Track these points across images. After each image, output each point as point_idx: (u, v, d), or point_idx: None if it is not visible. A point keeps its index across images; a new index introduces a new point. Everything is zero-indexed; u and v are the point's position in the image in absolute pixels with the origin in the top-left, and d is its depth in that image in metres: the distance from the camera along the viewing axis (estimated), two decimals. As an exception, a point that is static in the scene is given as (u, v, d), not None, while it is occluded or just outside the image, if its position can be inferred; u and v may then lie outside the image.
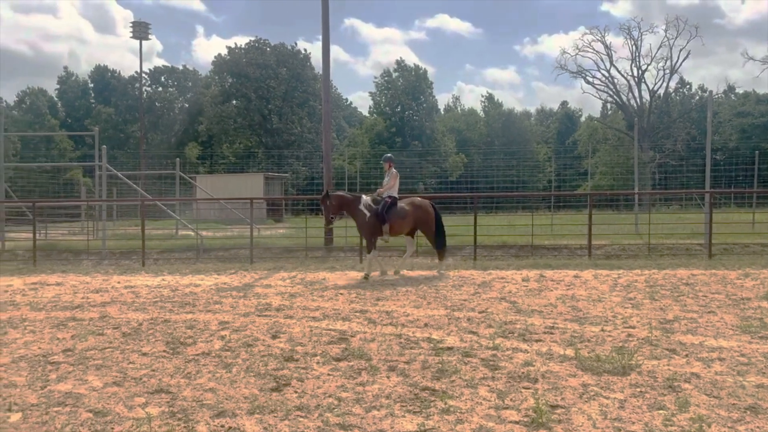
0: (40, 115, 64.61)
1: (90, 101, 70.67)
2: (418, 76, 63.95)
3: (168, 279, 11.44)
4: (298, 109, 60.33)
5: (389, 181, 11.71)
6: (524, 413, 4.16)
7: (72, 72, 73.73)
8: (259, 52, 60.15)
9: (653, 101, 55.19)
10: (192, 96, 69.16)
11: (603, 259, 13.89)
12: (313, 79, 61.14)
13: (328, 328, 6.90)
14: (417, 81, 63.30)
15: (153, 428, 3.95)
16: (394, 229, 11.39)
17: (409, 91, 62.66)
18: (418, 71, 64.31)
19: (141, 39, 48.15)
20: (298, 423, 4.04)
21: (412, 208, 11.60)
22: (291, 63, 60.67)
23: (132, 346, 6.18)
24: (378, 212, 11.29)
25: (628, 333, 6.51)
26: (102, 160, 17.29)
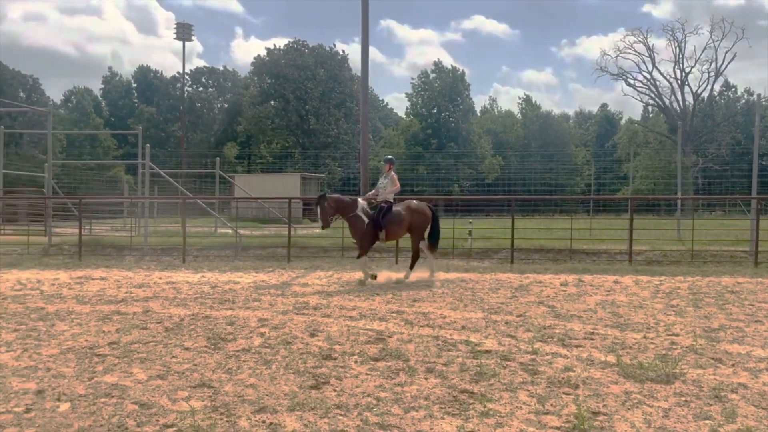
0: (86, 114, 66.47)
1: (133, 101, 72.46)
2: (455, 77, 63.74)
3: (208, 276, 11.65)
4: (334, 110, 60.76)
5: (388, 185, 11.23)
6: (565, 419, 4.11)
7: (116, 72, 75.79)
8: (297, 53, 60.82)
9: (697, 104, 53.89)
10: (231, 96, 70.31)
11: (644, 265, 13.62)
12: (350, 80, 61.52)
13: (365, 328, 6.93)
14: (454, 82, 63.09)
15: (196, 421, 4.03)
16: (390, 234, 11.11)
17: (446, 92, 62.50)
18: (455, 73, 64.10)
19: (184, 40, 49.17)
20: (337, 421, 4.07)
21: (408, 212, 11.18)
22: (329, 64, 61.17)
23: (174, 340, 6.32)
24: (374, 218, 10.88)
25: (671, 341, 6.37)
26: (146, 159, 17.70)
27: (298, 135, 60.75)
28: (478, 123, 67.76)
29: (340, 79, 61.83)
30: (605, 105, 79.63)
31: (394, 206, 11.18)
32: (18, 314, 7.73)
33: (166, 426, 3.99)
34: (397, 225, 11.05)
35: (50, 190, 19.47)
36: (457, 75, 64.13)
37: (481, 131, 65.59)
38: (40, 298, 9.00)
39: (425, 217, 11.31)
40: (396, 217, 11.03)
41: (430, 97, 63.23)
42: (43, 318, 7.50)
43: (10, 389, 4.72)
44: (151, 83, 71.02)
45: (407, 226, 11.19)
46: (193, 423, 4.00)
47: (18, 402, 4.44)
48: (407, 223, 11.15)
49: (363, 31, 17.65)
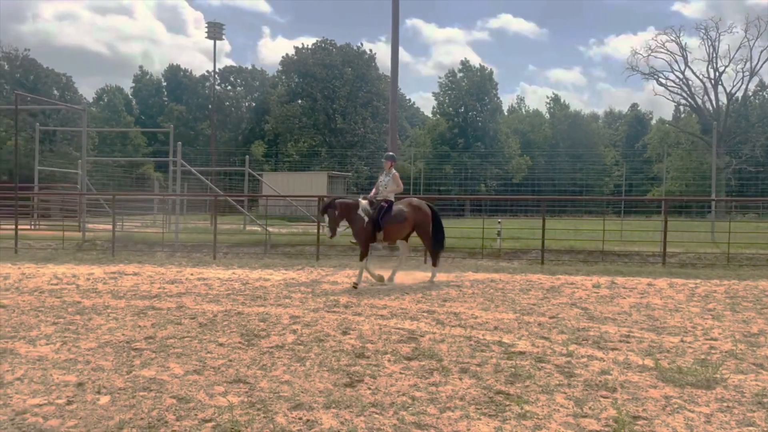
0: (117, 112, 67.65)
1: (163, 99, 73.55)
2: (483, 76, 63.33)
3: (238, 272, 11.76)
4: (361, 109, 60.88)
5: (390, 183, 10.62)
6: (604, 422, 4.05)
7: (146, 71, 76.96)
8: (325, 52, 61.07)
9: (730, 104, 52.68)
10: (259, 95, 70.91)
11: (678, 268, 13.37)
12: (378, 80, 61.57)
13: (397, 327, 6.92)
14: (482, 81, 62.70)
15: (234, 416, 4.06)
16: (391, 234, 10.49)
17: (474, 91, 62.14)
18: (483, 71, 63.70)
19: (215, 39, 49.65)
20: (373, 420, 4.07)
21: (410, 209, 10.63)
22: (356, 63, 61.31)
23: (209, 336, 6.38)
24: (374, 218, 10.26)
25: (710, 345, 6.24)
26: (177, 156, 17.93)
27: (325, 134, 61.01)
28: (505, 122, 67.23)
29: (368, 78, 61.91)
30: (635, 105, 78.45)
31: (395, 205, 10.60)
32: (56, 308, 7.90)
33: (204, 420, 4.03)
34: (399, 224, 10.46)
35: (84, 186, 19.85)
36: (484, 74, 63.71)
37: (509, 131, 65.07)
38: (77, 293, 9.18)
39: (427, 216, 10.79)
40: (398, 216, 10.44)
41: (458, 96, 62.91)
42: (80, 312, 7.65)
43: (51, 381, 4.82)
44: (181, 82, 72.01)
45: (411, 225, 10.65)
46: (231, 418, 4.04)
47: (59, 394, 4.53)
48: (411, 223, 10.61)
49: (393, 30, 17.64)
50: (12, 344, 5.98)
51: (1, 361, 5.38)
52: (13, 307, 7.95)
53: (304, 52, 62.36)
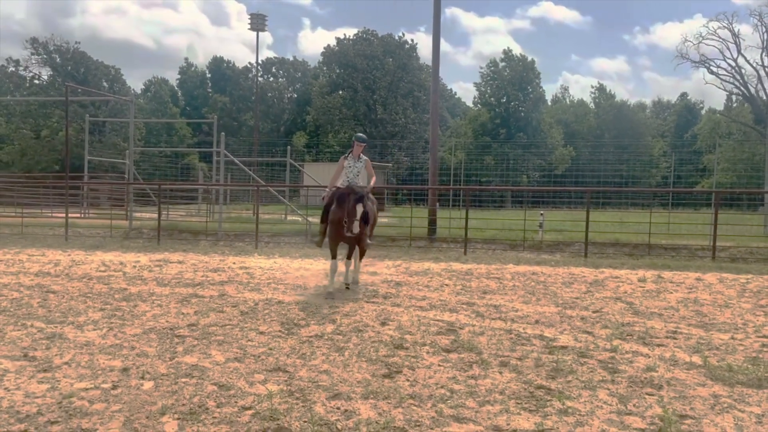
0: (163, 103, 69.09)
1: (207, 90, 74.78)
2: (525, 66, 62.28)
3: (279, 262, 11.88)
4: (402, 99, 60.70)
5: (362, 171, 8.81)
6: (649, 420, 3.93)
7: (191, 63, 78.35)
8: (366, 42, 61.03)
9: (787, 93, 50.45)
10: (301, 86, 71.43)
11: (728, 262, 12.92)
12: (419, 70, 61.26)
13: (436, 319, 6.87)
14: (524, 71, 61.67)
15: (273, 405, 4.10)
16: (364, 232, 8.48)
17: (516, 81, 61.19)
18: (525, 61, 62.63)
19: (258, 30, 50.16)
20: (411, 411, 4.04)
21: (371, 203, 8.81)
22: (397, 53, 61.11)
23: (250, 324, 6.46)
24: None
25: (762, 343, 6.00)
26: (221, 147, 18.20)
27: (365, 124, 61.06)
28: (548, 112, 66.05)
29: (409, 69, 61.64)
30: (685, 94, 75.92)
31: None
32: (103, 294, 8.12)
33: (244, 408, 4.07)
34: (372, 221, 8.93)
35: (131, 176, 20.35)
36: (527, 63, 62.62)
37: (552, 121, 63.91)
38: (123, 280, 9.42)
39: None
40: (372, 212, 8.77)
41: (499, 86, 62.06)
42: (126, 298, 7.84)
43: (97, 366, 4.95)
44: (224, 73, 73.04)
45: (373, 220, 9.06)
46: (270, 406, 4.07)
47: (105, 379, 4.64)
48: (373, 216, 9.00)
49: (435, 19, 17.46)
50: (61, 329, 6.17)
51: (50, 346, 5.56)
52: (62, 293, 8.21)
53: (346, 43, 62.46)
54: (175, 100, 73.45)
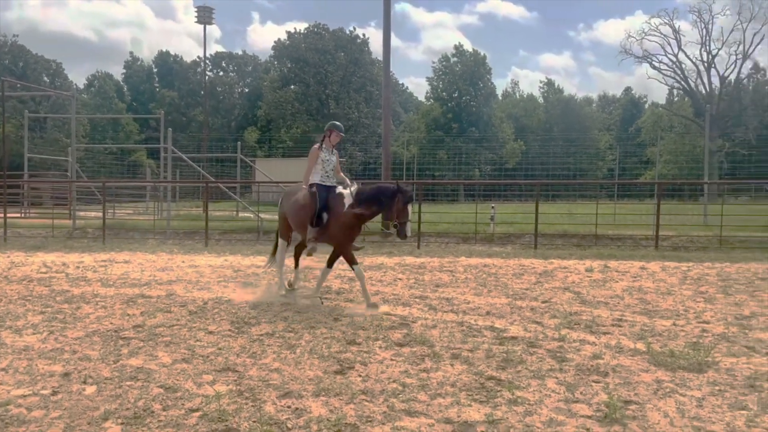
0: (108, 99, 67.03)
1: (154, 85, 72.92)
2: (477, 61, 62.95)
3: (230, 259, 11.68)
4: (355, 94, 60.53)
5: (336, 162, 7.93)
6: (596, 407, 4.02)
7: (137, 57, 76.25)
8: (317, 37, 60.57)
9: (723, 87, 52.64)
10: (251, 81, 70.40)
11: (670, 251, 13.38)
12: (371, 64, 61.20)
13: (389, 313, 6.87)
14: (475, 66, 62.33)
15: (222, 405, 4.01)
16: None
17: (467, 76, 61.80)
18: (476, 56, 63.30)
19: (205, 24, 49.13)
20: (363, 407, 4.02)
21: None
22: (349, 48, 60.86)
23: (198, 324, 6.32)
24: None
25: (702, 328, 6.22)
26: (167, 143, 17.76)
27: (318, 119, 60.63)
28: (499, 107, 67.01)
29: (361, 63, 61.48)
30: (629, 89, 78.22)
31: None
32: (44, 297, 7.81)
33: (191, 410, 3.97)
34: None
35: (74, 173, 19.66)
36: (478, 59, 63.29)
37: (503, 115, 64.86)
38: (66, 281, 9.08)
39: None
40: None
41: (451, 81, 62.57)
42: (68, 301, 7.56)
43: (36, 371, 4.75)
44: (172, 68, 71.34)
45: None
46: (218, 407, 3.98)
47: (44, 384, 4.46)
48: None
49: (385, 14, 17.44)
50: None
51: (-14, 352, 5.31)
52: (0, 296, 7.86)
53: (297, 37, 61.85)
54: (120, 95, 71.34)
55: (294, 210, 7.76)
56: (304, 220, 7.52)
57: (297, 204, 7.73)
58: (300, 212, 7.63)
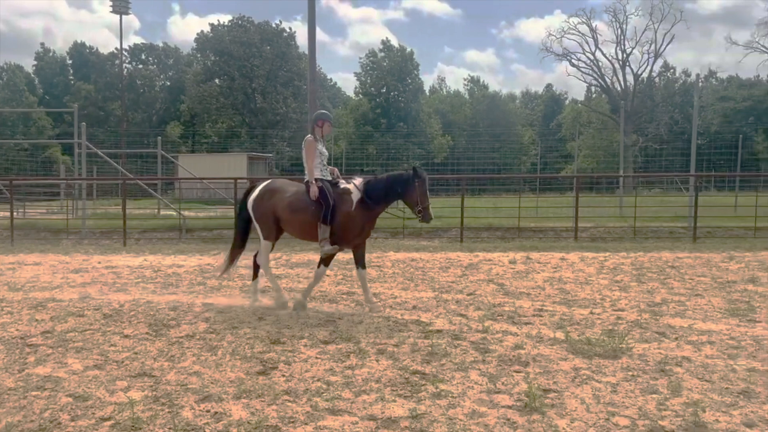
0: (18, 92, 63.07)
1: (68, 78, 69.18)
2: (404, 56, 63.38)
3: (150, 259, 11.23)
4: (282, 88, 59.58)
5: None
6: (516, 397, 4.09)
7: (49, 48, 72.16)
8: (242, 29, 59.18)
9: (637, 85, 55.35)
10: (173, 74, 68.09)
11: (588, 242, 13.92)
12: (298, 59, 60.35)
13: (315, 311, 6.79)
14: (403, 62, 62.74)
15: (136, 413, 3.82)
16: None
17: (395, 71, 62.12)
18: (404, 52, 63.73)
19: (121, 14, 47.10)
20: (286, 407, 3.93)
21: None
22: (275, 42, 59.80)
23: (113, 328, 6.02)
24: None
25: (617, 316, 6.48)
26: (81, 138, 16.90)
27: (244, 114, 59.39)
28: (427, 103, 67.77)
29: (288, 57, 60.54)
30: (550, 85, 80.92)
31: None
32: (-58, 304, 7.24)
33: (102, 419, 3.77)
34: None
35: (-22, 171, 18.39)
36: (405, 54, 63.72)
37: (431, 111, 65.64)
38: (-33, 286, 8.46)
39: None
40: None
41: (379, 76, 62.71)
42: (-31, 307, 7.04)
43: (-70, 385, 4.38)
44: (88, 60, 67.87)
45: None
46: (132, 415, 3.79)
47: (-62, 399, 4.12)
48: None
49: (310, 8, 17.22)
50: None
51: None
52: None
53: (220, 30, 60.20)
54: (32, 88, 67.26)
55: (294, 209, 6.88)
56: (312, 220, 6.76)
57: (300, 202, 6.87)
58: (305, 211, 6.81)
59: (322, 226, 6.71)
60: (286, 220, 6.97)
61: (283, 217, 6.97)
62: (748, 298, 7.35)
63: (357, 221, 6.78)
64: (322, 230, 6.72)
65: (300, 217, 6.86)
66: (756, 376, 4.49)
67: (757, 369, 4.67)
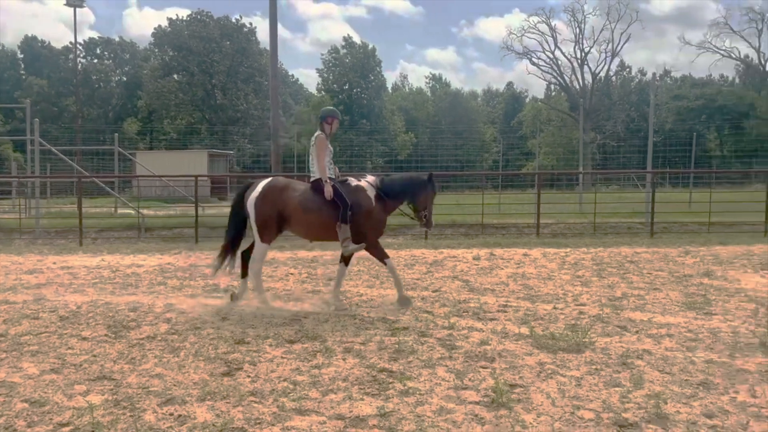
0: (-35, 87, 60.78)
1: (20, 73, 66.87)
2: (366, 53, 63.33)
3: (108, 259, 10.94)
4: (243, 84, 58.81)
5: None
6: (483, 393, 4.11)
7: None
8: (201, 24, 58.17)
9: (595, 83, 56.50)
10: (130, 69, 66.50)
11: (550, 238, 14.14)
12: (259, 54, 59.65)
13: (280, 309, 6.71)
14: (365, 58, 62.69)
15: (96, 418, 3.70)
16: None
17: (358, 68, 62.03)
18: (366, 49, 63.68)
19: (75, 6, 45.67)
20: (252, 409, 3.87)
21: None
22: (235, 37, 58.96)
23: (70, 330, 5.84)
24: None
25: (579, 311, 6.59)
26: (34, 134, 16.35)
27: (204, 110, 58.41)
28: (390, 100, 67.87)
29: (248, 53, 59.76)
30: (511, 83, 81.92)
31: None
32: None
33: (61, 425, 3.64)
34: None
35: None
36: (368, 51, 63.69)
37: (393, 108, 65.73)
38: None
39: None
40: None
41: (342, 73, 62.54)
42: None
43: None
44: (40, 54, 65.70)
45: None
46: (92, 420, 3.68)
47: None
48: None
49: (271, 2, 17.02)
50: None
51: None
52: None
53: (179, 24, 59.03)
54: (-20, 82, 64.84)
55: (306, 209, 6.68)
56: (327, 220, 6.66)
57: (312, 202, 6.71)
58: (318, 211, 6.67)
59: (342, 226, 6.63)
60: (296, 219, 6.75)
61: (294, 217, 6.73)
62: (704, 292, 7.56)
63: (380, 218, 6.90)
64: (343, 230, 6.65)
65: (313, 218, 6.71)
66: (714, 368, 4.62)
67: (715, 360, 4.80)
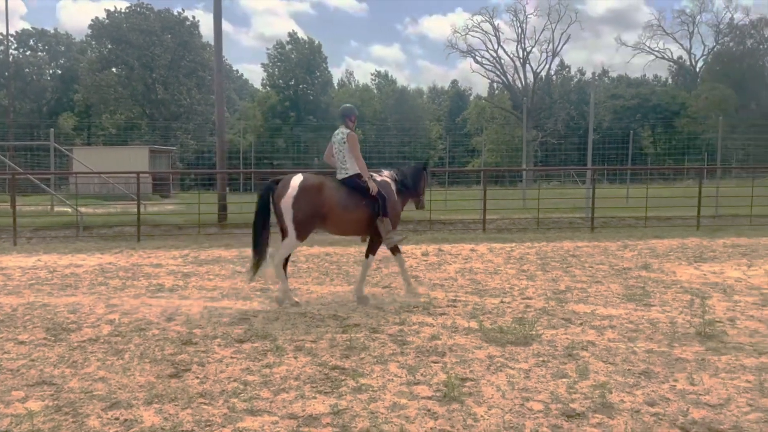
0: None
1: (-55, 64, 63.30)
2: (312, 49, 62.84)
3: (44, 259, 10.50)
4: (185, 79, 57.38)
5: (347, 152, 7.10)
6: (435, 388, 4.16)
7: None
8: (141, 17, 56.42)
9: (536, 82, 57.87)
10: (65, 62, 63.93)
11: (496, 233, 14.40)
12: (202, 48, 58.33)
13: (229, 309, 6.60)
14: (311, 54, 62.21)
15: (36, 425, 3.55)
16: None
17: (303, 64, 61.48)
18: (311, 44, 63.18)
19: (5, -4, 43.54)
20: (201, 411, 3.79)
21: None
22: (177, 30, 57.44)
23: (6, 334, 5.58)
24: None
25: (526, 304, 6.74)
26: (-39, 129, 15.50)
27: (144, 105, 56.72)
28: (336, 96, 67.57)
29: (191, 47, 58.31)
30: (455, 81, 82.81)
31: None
32: None
33: (-3, 434, 3.47)
34: None
35: None
36: (313, 47, 63.19)
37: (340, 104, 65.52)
38: None
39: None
40: None
41: (287, 68, 61.84)
42: None
43: None
44: (-33, 44, 62.41)
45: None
46: (31, 427, 3.53)
47: None
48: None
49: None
50: None
51: None
52: None
53: (117, 17, 57.05)
54: None
55: (346, 207, 6.73)
56: (366, 216, 6.86)
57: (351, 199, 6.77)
58: (357, 207, 6.79)
59: (384, 219, 6.88)
60: (337, 217, 6.74)
61: (335, 214, 6.71)
62: (643, 284, 7.86)
63: (399, 211, 7.37)
64: (386, 224, 6.88)
65: (354, 215, 6.83)
66: (654, 357, 4.81)
67: (655, 350, 5.00)
